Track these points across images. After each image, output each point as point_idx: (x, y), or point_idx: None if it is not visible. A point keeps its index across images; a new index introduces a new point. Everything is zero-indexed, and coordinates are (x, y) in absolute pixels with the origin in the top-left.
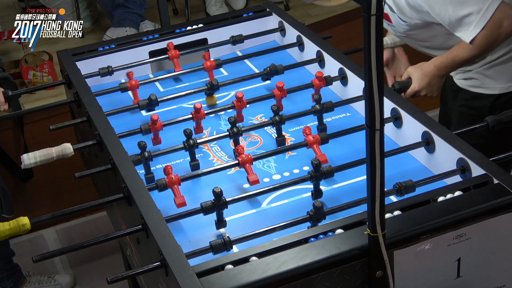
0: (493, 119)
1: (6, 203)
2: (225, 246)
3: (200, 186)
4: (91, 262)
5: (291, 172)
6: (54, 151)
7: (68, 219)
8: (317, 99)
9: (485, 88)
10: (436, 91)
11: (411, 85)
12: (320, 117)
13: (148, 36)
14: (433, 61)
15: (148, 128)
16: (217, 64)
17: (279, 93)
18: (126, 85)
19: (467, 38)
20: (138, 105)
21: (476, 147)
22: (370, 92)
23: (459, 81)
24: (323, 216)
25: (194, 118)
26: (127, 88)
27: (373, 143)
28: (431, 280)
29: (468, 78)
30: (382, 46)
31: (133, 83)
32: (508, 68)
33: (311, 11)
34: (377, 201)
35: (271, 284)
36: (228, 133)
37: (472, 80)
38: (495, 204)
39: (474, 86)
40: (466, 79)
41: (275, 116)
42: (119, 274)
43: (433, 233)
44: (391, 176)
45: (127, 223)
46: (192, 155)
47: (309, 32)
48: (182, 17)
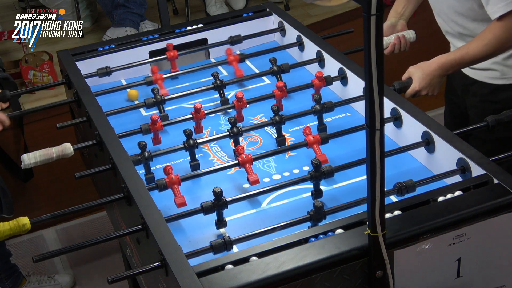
0: (493, 119)
1: (6, 203)
2: (225, 246)
3: (200, 186)
4: (91, 262)
5: (291, 172)
6: (54, 151)
7: (68, 219)
8: (317, 99)
9: (507, 78)
10: (437, 90)
11: (412, 84)
12: (320, 117)
13: (148, 36)
14: (437, 60)
15: (148, 128)
16: (241, 58)
17: (279, 93)
18: (151, 78)
19: (496, 13)
20: (145, 103)
21: (504, 140)
22: (370, 92)
23: (474, 72)
24: (324, 216)
25: (194, 118)
26: (152, 82)
27: (373, 143)
28: (431, 280)
29: (485, 69)
30: (382, 46)
31: (157, 76)
32: None
33: (311, 11)
34: (377, 201)
35: (271, 284)
36: (228, 133)
37: (491, 72)
38: (495, 204)
39: (493, 77)
40: (483, 70)
41: (275, 116)
42: (119, 274)
43: (433, 233)
44: (391, 176)
45: (127, 223)
46: (192, 155)
47: (309, 32)
48: (182, 17)
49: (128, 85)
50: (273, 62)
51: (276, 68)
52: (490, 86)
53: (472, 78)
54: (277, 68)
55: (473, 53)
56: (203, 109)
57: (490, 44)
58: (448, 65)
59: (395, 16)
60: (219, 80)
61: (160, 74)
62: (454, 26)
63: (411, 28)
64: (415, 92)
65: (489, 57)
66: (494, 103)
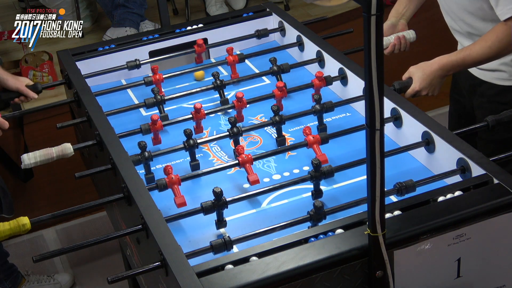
0: (493, 119)
1: (6, 203)
2: (225, 246)
3: (200, 186)
4: (91, 262)
5: (291, 172)
6: (54, 151)
7: (68, 219)
8: (317, 99)
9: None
10: (437, 90)
11: (412, 85)
12: (320, 117)
13: (148, 36)
14: (438, 61)
15: (148, 128)
16: (240, 59)
17: (279, 93)
18: (150, 78)
19: (505, 14)
20: (145, 103)
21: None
22: (370, 92)
23: (481, 73)
24: (324, 216)
25: (194, 118)
26: (152, 82)
27: (373, 143)
28: (431, 280)
29: (493, 70)
30: (382, 46)
31: (157, 77)
32: None
33: (311, 11)
34: (377, 201)
35: (271, 284)
36: (228, 133)
37: (498, 73)
38: (495, 204)
39: (501, 79)
40: (491, 71)
41: (275, 116)
42: (119, 274)
43: (433, 233)
44: (391, 176)
45: (127, 223)
46: (192, 155)
47: (309, 32)
48: (182, 17)
49: (128, 85)
50: (273, 62)
51: (276, 68)
52: (498, 87)
53: (479, 78)
54: (277, 68)
55: (476, 55)
56: (203, 109)
57: (493, 47)
58: (449, 66)
59: (395, 16)
60: (219, 80)
61: (160, 75)
62: (463, 24)
63: (412, 28)
64: (415, 92)
65: (491, 59)
66: (502, 104)
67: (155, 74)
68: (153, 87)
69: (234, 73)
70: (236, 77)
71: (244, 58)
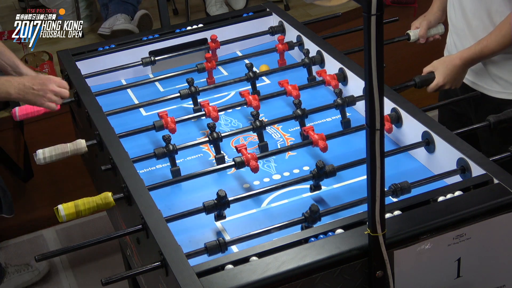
0: (494, 119)
1: (6, 203)
2: (219, 248)
3: (200, 185)
4: (91, 262)
5: (291, 172)
6: (69, 147)
7: None
8: (338, 93)
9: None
10: (460, 83)
11: (435, 79)
12: (343, 111)
13: (148, 36)
14: (459, 54)
15: (162, 125)
16: (217, 65)
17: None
18: (161, 122)
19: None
20: (180, 94)
21: None
22: (370, 92)
23: (479, 87)
24: (319, 218)
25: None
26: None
27: (373, 143)
28: (431, 280)
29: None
30: (382, 46)
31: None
32: None
33: (311, 11)
34: (377, 201)
35: (271, 284)
36: (251, 126)
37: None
38: (495, 204)
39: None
40: (488, 84)
41: (297, 109)
42: (118, 274)
43: (433, 233)
44: (391, 176)
45: (127, 223)
46: (216, 149)
47: (309, 32)
48: (182, 17)
49: (128, 85)
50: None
51: (308, 61)
52: (496, 100)
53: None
54: (309, 60)
55: (492, 45)
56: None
57: (507, 35)
58: (470, 59)
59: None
60: (252, 72)
61: (213, 62)
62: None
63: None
64: (439, 87)
65: (506, 47)
66: None
67: (208, 62)
68: (188, 78)
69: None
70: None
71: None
